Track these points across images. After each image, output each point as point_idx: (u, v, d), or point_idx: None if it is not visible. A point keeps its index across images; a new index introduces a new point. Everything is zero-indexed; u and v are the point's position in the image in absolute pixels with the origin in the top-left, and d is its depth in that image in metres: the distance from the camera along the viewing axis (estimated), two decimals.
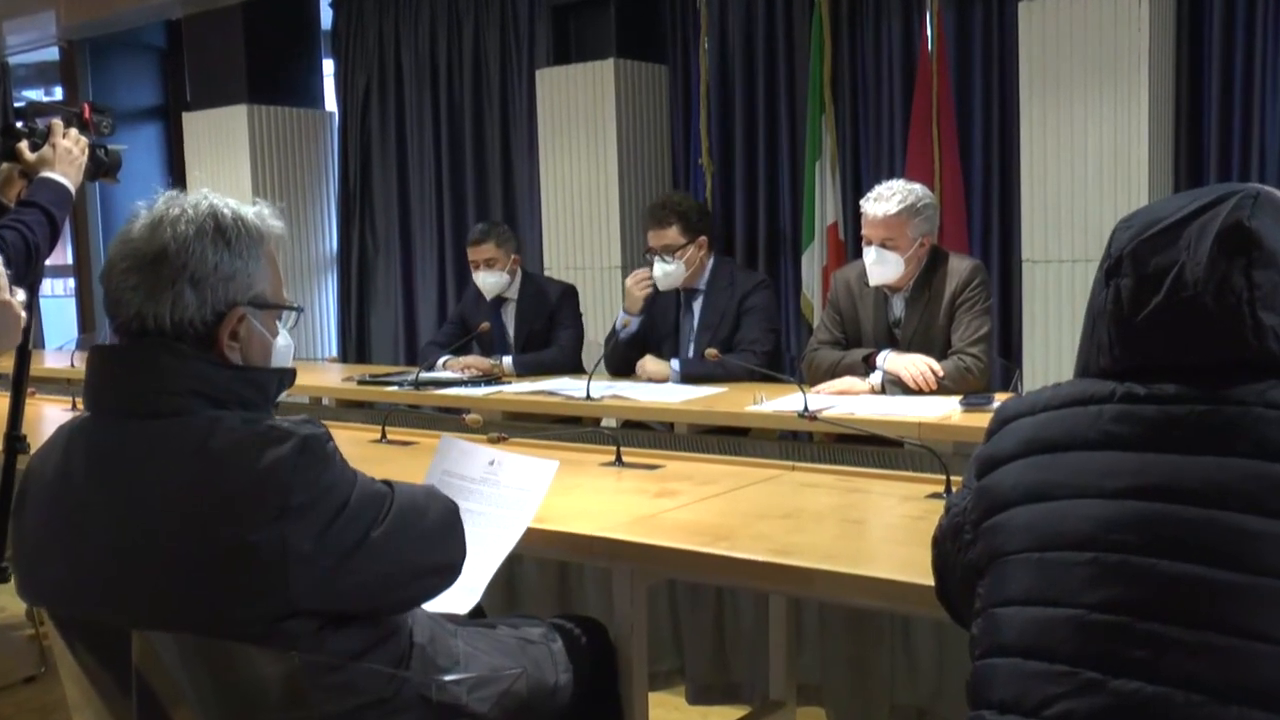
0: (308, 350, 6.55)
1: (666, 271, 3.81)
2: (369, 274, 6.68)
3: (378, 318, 6.68)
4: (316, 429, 1.39)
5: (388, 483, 1.49)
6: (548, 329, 4.30)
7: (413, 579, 1.46)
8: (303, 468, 1.34)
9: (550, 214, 5.52)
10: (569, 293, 4.41)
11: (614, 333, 3.86)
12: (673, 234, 3.81)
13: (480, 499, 1.87)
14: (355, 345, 6.70)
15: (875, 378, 3.23)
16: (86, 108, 2.63)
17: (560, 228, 5.47)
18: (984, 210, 4.79)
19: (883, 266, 3.30)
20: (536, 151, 5.65)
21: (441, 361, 4.24)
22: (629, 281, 3.84)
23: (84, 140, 2.58)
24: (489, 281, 4.27)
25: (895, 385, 3.18)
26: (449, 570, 1.52)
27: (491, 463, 1.91)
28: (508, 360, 4.17)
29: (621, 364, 3.85)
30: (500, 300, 4.39)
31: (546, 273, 5.27)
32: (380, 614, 1.45)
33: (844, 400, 3.10)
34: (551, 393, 3.52)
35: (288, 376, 1.51)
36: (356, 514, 1.38)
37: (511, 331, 4.36)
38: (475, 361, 4.17)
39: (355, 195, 6.65)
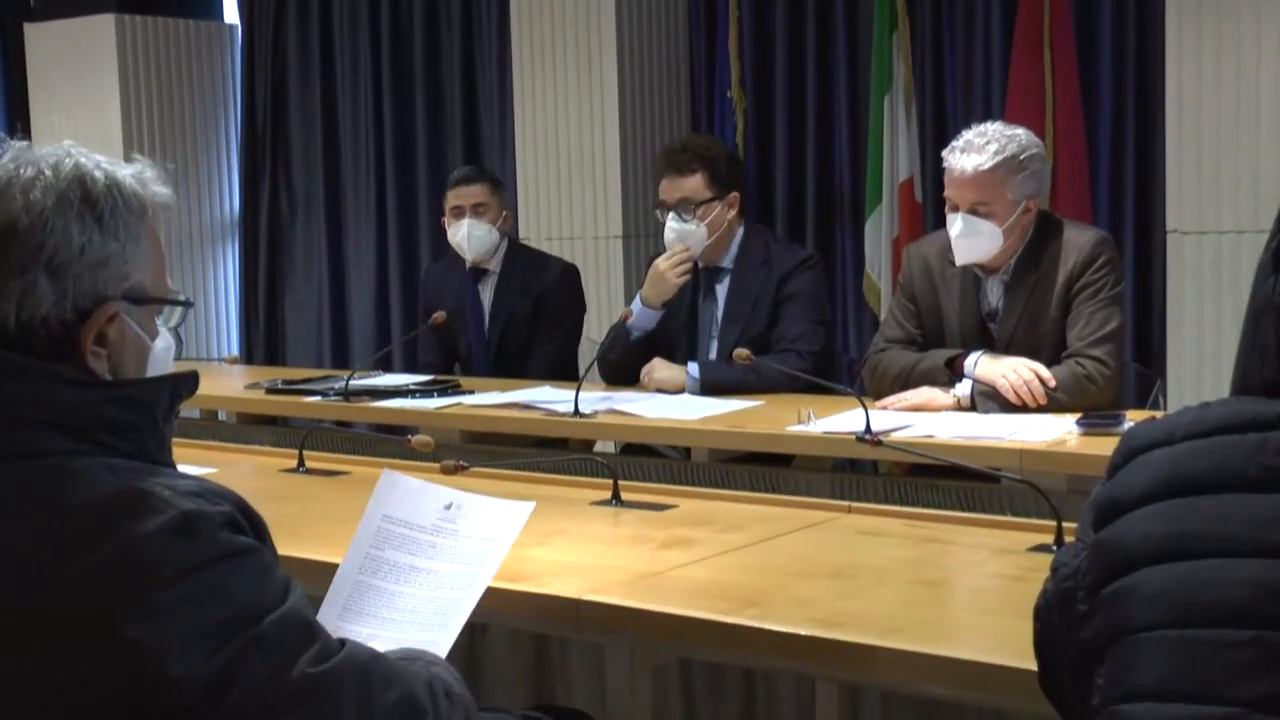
0: (198, 347, 6.58)
1: (680, 232, 3.82)
2: (283, 244, 6.72)
3: (294, 303, 6.72)
4: (213, 506, 1.34)
5: (341, 641, 1.40)
6: (532, 316, 4.34)
7: None
8: (176, 554, 1.29)
9: (527, 166, 5.53)
10: (568, 276, 4.44)
11: (620, 328, 3.85)
12: (695, 184, 3.83)
13: (432, 553, 1.87)
14: (263, 340, 6.73)
15: (962, 388, 3.24)
16: None
17: (540, 185, 5.48)
18: (1113, 165, 4.79)
19: (974, 239, 3.31)
20: (509, 82, 5.67)
21: None
22: (662, 264, 3.83)
23: None
24: (476, 234, 4.31)
25: (990, 399, 3.19)
26: None
27: (449, 506, 1.92)
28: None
29: (622, 369, 3.86)
30: (479, 273, 4.42)
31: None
32: None
33: (920, 419, 3.11)
34: (528, 406, 3.53)
35: (184, 384, 1.48)
36: (269, 647, 1.31)
37: (488, 314, 4.40)
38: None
39: (264, 138, 6.68)
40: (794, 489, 3.00)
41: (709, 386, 3.63)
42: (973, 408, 3.21)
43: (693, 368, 3.69)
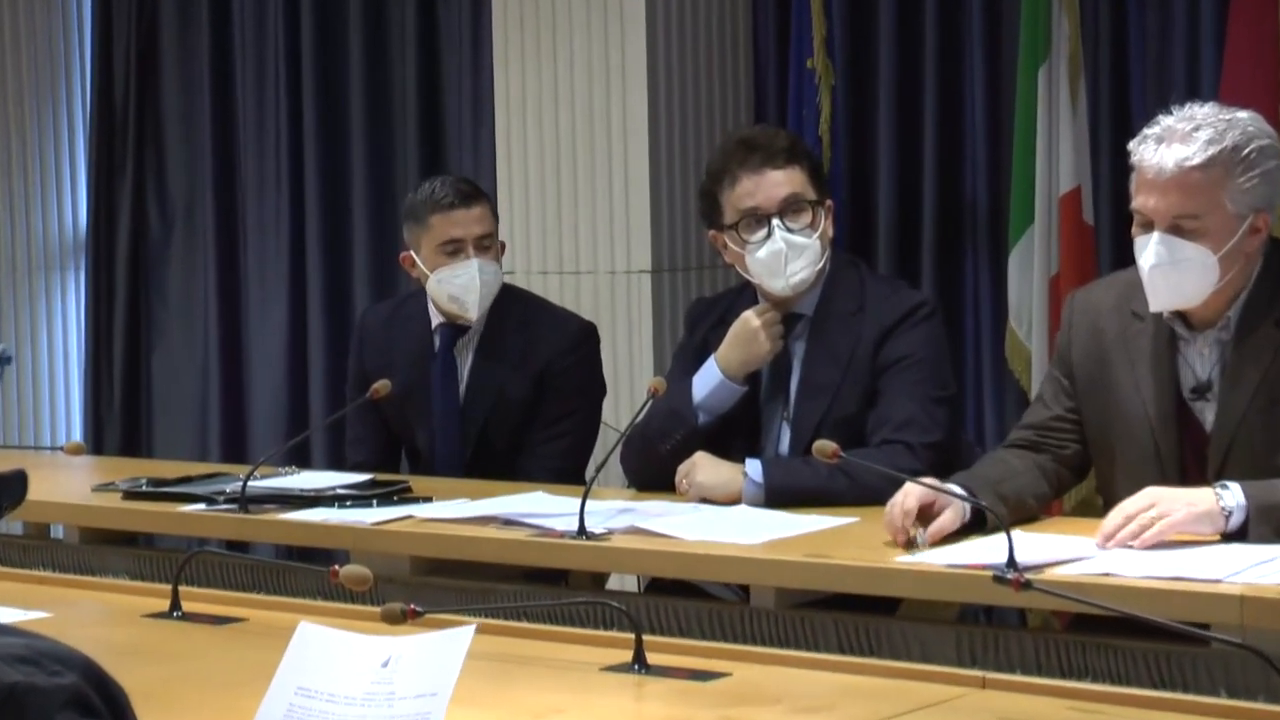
0: (23, 429, 6.61)
1: (791, 249, 3.80)
2: (151, 275, 6.76)
3: (166, 362, 6.74)
4: (50, 678, 1.36)
5: None
6: (532, 398, 4.35)
7: None
8: None
9: (512, 169, 5.55)
10: (587, 341, 4.45)
11: (668, 408, 3.85)
12: (801, 179, 3.87)
13: None
14: (120, 419, 6.75)
15: (1233, 497, 3.07)
16: None
17: (530, 196, 5.50)
18: None
19: (1177, 271, 3.28)
20: (485, 49, 5.74)
21: None
22: (755, 319, 3.84)
23: None
24: (487, 280, 4.29)
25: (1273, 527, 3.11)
26: None
27: (386, 663, 1.94)
28: None
29: (657, 466, 3.88)
30: (454, 333, 4.42)
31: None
32: None
33: (1101, 553, 3.09)
34: (510, 521, 3.53)
35: (6, 490, 1.51)
36: None
37: (463, 391, 4.40)
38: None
39: (126, 122, 6.72)
40: (902, 650, 2.99)
41: (777, 495, 3.63)
42: (1241, 534, 3.10)
43: (753, 467, 3.69)
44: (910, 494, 3.20)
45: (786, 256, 3.81)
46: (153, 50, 6.70)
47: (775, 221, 3.82)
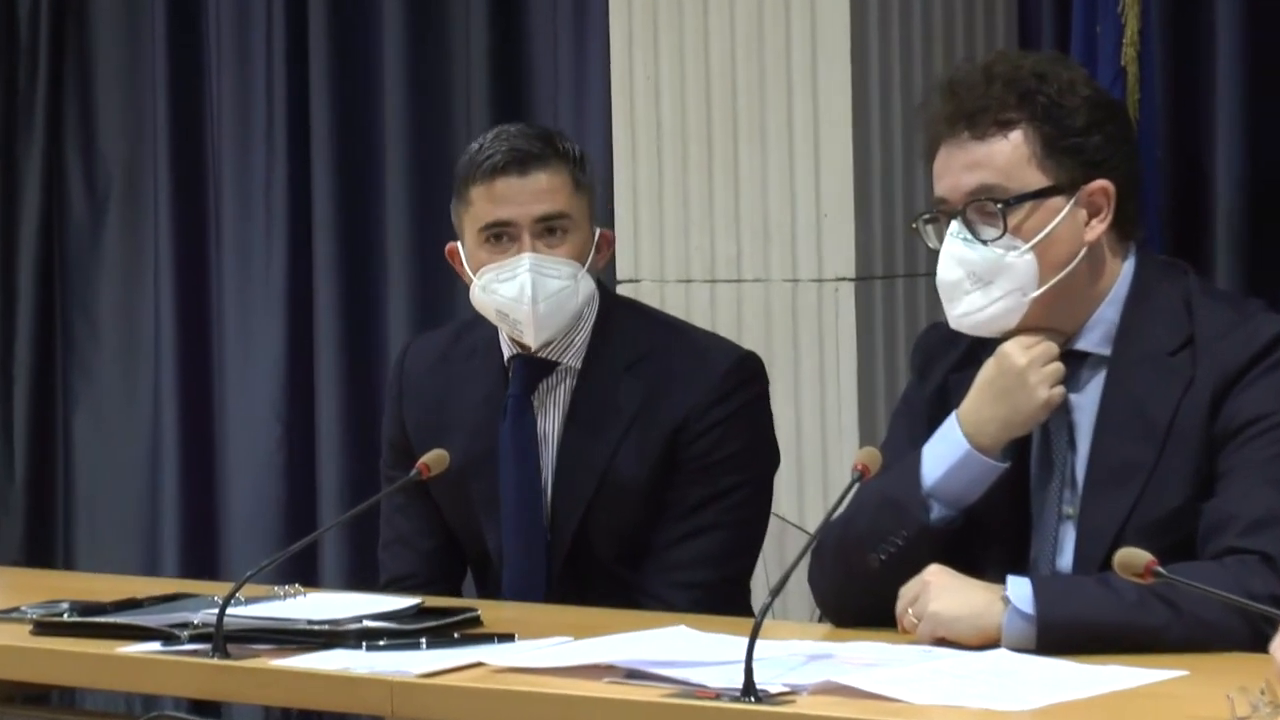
0: None
1: (966, 269, 3.87)
2: (72, 290, 6.95)
3: (95, 425, 6.92)
4: None
5: None
6: (654, 477, 4.36)
7: None
8: None
9: (636, 142, 5.67)
10: (747, 383, 4.46)
11: (889, 508, 3.88)
12: (1007, 155, 3.86)
13: None
14: (25, 513, 6.89)
15: None
16: None
17: (665, 181, 5.60)
18: None
19: None
20: None
21: None
22: (1021, 354, 3.84)
23: None
24: (549, 284, 4.29)
25: None
26: None
27: None
28: None
29: (866, 587, 3.89)
30: (535, 371, 4.43)
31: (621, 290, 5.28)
32: None
33: None
34: (636, 673, 3.53)
35: None
36: None
37: (553, 465, 4.40)
38: None
39: (34, 56, 6.95)
40: None
41: (1056, 632, 3.62)
42: None
43: (1018, 589, 3.68)
44: None
45: (962, 276, 3.92)
46: None
47: (954, 222, 3.89)
